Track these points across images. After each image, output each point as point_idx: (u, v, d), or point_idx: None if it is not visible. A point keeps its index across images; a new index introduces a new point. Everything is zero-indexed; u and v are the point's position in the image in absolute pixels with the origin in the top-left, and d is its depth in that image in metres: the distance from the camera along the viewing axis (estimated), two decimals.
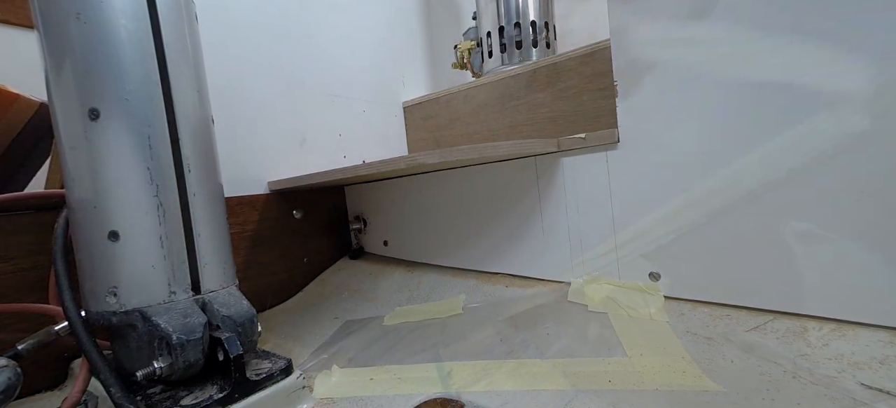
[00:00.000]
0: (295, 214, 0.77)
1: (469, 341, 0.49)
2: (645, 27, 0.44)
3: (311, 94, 0.59)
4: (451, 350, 0.48)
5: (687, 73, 0.42)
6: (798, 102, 0.37)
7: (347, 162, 0.86)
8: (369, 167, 0.55)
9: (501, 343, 0.47)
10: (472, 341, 0.49)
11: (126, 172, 0.39)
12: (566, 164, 0.52)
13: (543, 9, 0.88)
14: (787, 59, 0.37)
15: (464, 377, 0.42)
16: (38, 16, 0.39)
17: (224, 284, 0.46)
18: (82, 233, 0.40)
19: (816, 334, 0.37)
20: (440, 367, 0.45)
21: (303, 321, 0.66)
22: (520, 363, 0.43)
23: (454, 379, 0.42)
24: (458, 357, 0.46)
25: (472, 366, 0.44)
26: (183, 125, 0.42)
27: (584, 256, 0.52)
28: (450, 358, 0.46)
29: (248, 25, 0.74)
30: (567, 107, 0.67)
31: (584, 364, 0.41)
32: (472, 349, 0.47)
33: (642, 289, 0.47)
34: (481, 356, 0.45)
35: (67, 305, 0.39)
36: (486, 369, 0.43)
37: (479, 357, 0.45)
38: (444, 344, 0.49)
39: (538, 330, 0.48)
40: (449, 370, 0.44)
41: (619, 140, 0.47)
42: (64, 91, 0.39)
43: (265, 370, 0.44)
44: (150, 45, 0.40)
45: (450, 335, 0.51)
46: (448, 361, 0.46)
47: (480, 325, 0.52)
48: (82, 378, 0.40)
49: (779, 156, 0.38)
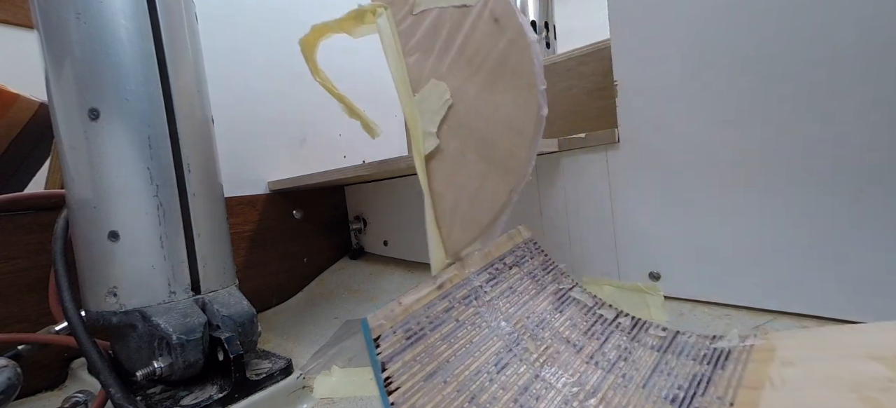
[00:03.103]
0: (295, 214, 0.77)
1: None
2: (645, 27, 0.44)
3: (312, 94, 0.59)
4: None
5: (688, 73, 0.42)
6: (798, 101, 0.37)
7: (347, 162, 0.86)
8: (369, 167, 0.55)
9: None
10: None
11: (126, 172, 0.39)
12: (566, 164, 0.52)
13: (543, 9, 0.88)
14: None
15: None
16: (38, 16, 0.39)
17: (224, 284, 0.46)
18: (82, 233, 0.40)
19: None
20: None
21: (303, 321, 0.66)
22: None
23: None
24: None
25: None
26: (183, 125, 0.42)
27: (584, 255, 0.52)
28: None
29: (249, 25, 0.74)
30: (567, 107, 0.67)
31: None
32: None
33: (642, 289, 0.47)
34: None
35: (67, 305, 0.39)
36: None
37: None
38: None
39: None
40: None
41: (619, 140, 0.47)
42: (64, 91, 0.39)
43: (265, 370, 0.44)
44: (150, 45, 0.40)
45: None
46: None
47: None
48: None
49: (779, 156, 0.38)
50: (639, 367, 0.32)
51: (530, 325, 0.35)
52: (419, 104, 0.40)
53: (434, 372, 0.30)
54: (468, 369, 0.30)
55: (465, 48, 0.37)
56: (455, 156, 0.38)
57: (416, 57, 0.41)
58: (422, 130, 0.39)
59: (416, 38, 0.41)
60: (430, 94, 0.39)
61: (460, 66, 0.38)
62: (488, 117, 0.36)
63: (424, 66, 0.40)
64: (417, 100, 0.40)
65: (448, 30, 0.39)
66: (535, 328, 0.34)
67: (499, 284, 0.37)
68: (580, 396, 0.30)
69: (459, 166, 0.38)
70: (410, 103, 0.40)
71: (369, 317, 0.30)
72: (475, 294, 0.35)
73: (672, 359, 0.32)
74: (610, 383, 0.31)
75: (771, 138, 0.38)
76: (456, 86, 0.38)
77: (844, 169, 0.35)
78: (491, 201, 0.35)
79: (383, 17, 0.42)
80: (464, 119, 0.38)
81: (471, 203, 0.36)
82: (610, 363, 0.33)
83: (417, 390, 0.28)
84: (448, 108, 0.38)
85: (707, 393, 0.28)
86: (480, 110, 0.36)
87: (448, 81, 0.38)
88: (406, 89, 0.41)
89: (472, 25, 0.37)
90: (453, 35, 0.38)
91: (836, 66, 0.35)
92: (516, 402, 0.29)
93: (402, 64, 0.41)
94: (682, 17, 0.42)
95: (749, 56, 0.39)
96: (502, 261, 0.39)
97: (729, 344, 0.32)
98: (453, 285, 0.35)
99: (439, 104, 0.38)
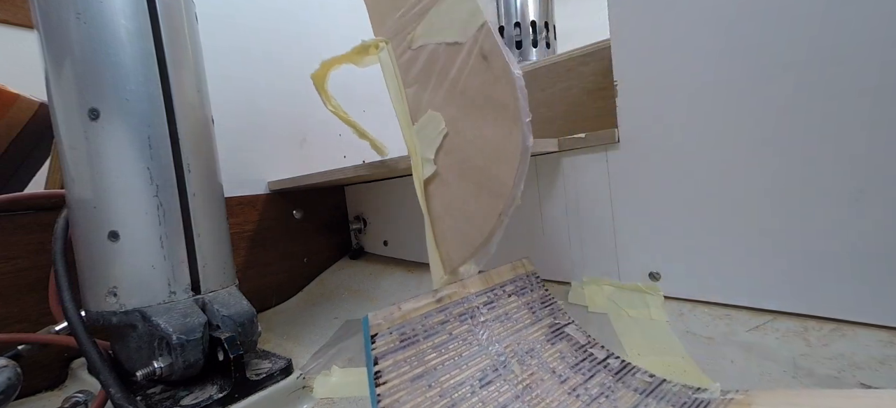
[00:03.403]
0: (295, 214, 0.77)
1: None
2: (645, 27, 0.44)
3: (312, 94, 0.59)
4: None
5: (688, 73, 0.42)
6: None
7: (347, 162, 0.86)
8: (369, 167, 0.55)
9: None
10: None
11: (126, 172, 0.39)
12: (566, 164, 0.52)
13: (543, 9, 0.88)
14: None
15: None
16: (38, 16, 0.39)
17: (224, 284, 0.46)
18: (82, 233, 0.40)
19: (816, 333, 0.37)
20: None
21: (303, 321, 0.66)
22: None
23: None
24: None
25: None
26: (183, 125, 0.42)
27: (584, 255, 0.52)
28: None
29: (249, 25, 0.74)
30: (567, 107, 0.67)
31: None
32: None
33: (642, 289, 0.47)
34: None
35: (67, 305, 0.39)
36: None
37: None
38: None
39: None
40: None
41: (619, 140, 0.47)
42: (64, 91, 0.39)
43: (265, 370, 0.44)
44: (150, 45, 0.40)
45: None
46: None
47: None
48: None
49: (779, 156, 0.38)
50: (618, 406, 0.33)
51: (520, 351, 0.36)
52: (418, 133, 0.43)
53: (421, 375, 0.31)
54: (453, 379, 0.32)
55: (458, 82, 0.40)
56: (450, 181, 0.41)
57: (415, 88, 0.44)
58: (421, 156, 0.42)
59: (415, 71, 0.44)
60: (427, 123, 0.42)
61: (454, 99, 0.41)
62: (479, 146, 0.39)
63: (422, 97, 0.43)
64: (416, 129, 0.43)
65: (442, 64, 0.41)
66: (524, 354, 0.36)
67: (495, 309, 0.39)
68: None
69: (454, 190, 0.40)
70: (410, 132, 0.43)
71: (370, 315, 0.32)
72: (471, 314, 0.37)
73: (653, 403, 0.33)
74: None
75: (771, 138, 0.38)
76: (450, 116, 0.41)
77: (845, 169, 0.35)
78: (483, 222, 0.38)
79: (385, 51, 0.45)
80: (457, 147, 0.40)
81: (465, 224, 0.39)
82: (591, 398, 0.34)
83: (403, 388, 0.30)
84: (444, 136, 0.41)
85: None
86: (472, 140, 0.39)
87: (443, 112, 0.41)
88: (406, 119, 0.44)
89: (464, 61, 0.40)
90: (447, 69, 0.41)
91: (832, 62, 0.35)
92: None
93: (403, 95, 0.44)
94: (683, 17, 0.42)
95: (749, 55, 0.39)
96: (503, 287, 0.41)
97: (710, 396, 0.33)
98: (452, 301, 0.37)
99: (436, 133, 0.41)
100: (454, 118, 0.41)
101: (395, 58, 0.45)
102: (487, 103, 0.38)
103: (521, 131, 0.36)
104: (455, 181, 0.40)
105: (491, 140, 0.38)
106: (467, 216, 0.39)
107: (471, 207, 0.39)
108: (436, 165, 0.41)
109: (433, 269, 0.40)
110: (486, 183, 0.38)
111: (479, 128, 0.38)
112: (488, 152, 0.38)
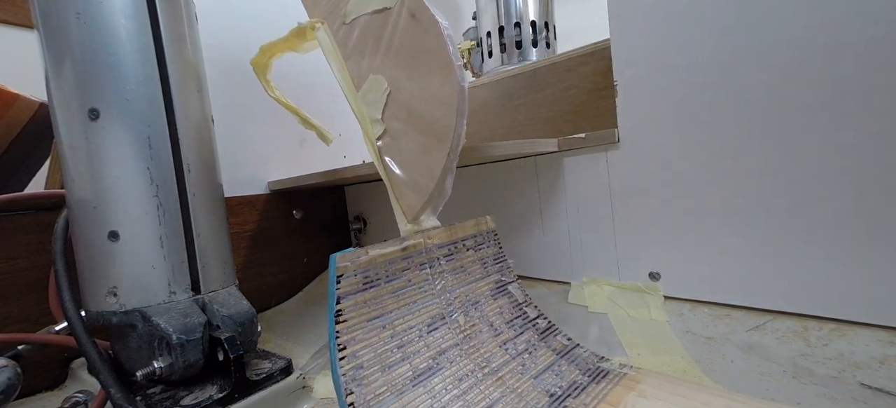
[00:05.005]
0: (295, 214, 0.77)
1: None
2: (645, 27, 0.44)
3: (312, 95, 0.59)
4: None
5: (688, 73, 0.42)
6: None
7: (347, 162, 0.86)
8: (369, 167, 0.55)
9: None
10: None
11: (126, 172, 0.39)
12: (566, 163, 0.52)
13: (543, 9, 0.88)
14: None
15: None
16: (38, 16, 0.39)
17: (224, 284, 0.46)
18: (82, 233, 0.40)
19: (816, 333, 0.37)
20: None
21: (303, 321, 0.66)
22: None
23: None
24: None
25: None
26: (183, 125, 0.42)
27: (584, 255, 0.52)
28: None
29: (249, 25, 0.74)
30: (567, 107, 0.67)
31: None
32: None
33: (642, 289, 0.47)
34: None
35: (67, 305, 0.39)
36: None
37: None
38: None
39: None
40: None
41: (619, 140, 0.47)
42: (64, 91, 0.39)
43: (265, 370, 0.44)
44: (150, 45, 0.40)
45: None
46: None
47: None
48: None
49: (779, 156, 0.38)
50: (537, 362, 0.39)
51: (467, 302, 0.41)
52: (363, 98, 0.46)
53: (377, 317, 0.35)
54: (405, 323, 0.36)
55: (392, 43, 0.44)
56: (399, 134, 0.44)
57: (355, 59, 0.47)
58: (369, 118, 0.45)
59: (352, 43, 0.48)
60: (371, 87, 0.46)
61: (391, 59, 0.44)
62: (420, 97, 0.42)
63: (362, 66, 0.47)
64: (361, 94, 0.46)
65: (376, 31, 0.45)
66: (469, 306, 0.40)
67: (454, 261, 0.42)
68: (484, 370, 0.36)
69: (403, 142, 0.43)
70: (356, 99, 0.46)
71: (338, 255, 0.34)
72: (430, 263, 0.40)
73: (564, 364, 0.39)
74: (510, 368, 0.37)
75: (771, 138, 0.38)
76: (391, 76, 0.44)
77: (845, 169, 0.35)
78: (433, 166, 0.41)
79: (321, 30, 0.49)
80: (401, 102, 0.44)
81: (417, 170, 0.42)
82: (517, 352, 0.39)
83: (360, 328, 0.33)
84: (387, 95, 0.44)
85: (578, 398, 0.34)
86: (413, 92, 0.43)
87: (384, 74, 0.45)
88: (350, 88, 0.47)
89: (394, 23, 0.44)
90: (381, 34, 0.45)
91: (833, 61, 0.35)
92: (434, 359, 0.35)
93: (344, 67, 0.48)
94: (683, 17, 0.42)
95: (749, 55, 0.39)
96: (463, 242, 0.44)
97: (609, 367, 0.39)
98: (416, 251, 0.40)
99: (380, 94, 0.45)
100: (394, 78, 0.44)
101: (331, 35, 0.49)
102: (422, 54, 0.42)
103: (455, 73, 0.39)
104: (403, 133, 0.43)
105: (430, 89, 0.41)
106: (418, 163, 0.42)
107: (420, 154, 0.42)
108: (384, 123, 0.44)
109: (399, 220, 0.43)
110: (431, 129, 0.41)
111: (418, 80, 0.42)
112: (429, 100, 0.41)
